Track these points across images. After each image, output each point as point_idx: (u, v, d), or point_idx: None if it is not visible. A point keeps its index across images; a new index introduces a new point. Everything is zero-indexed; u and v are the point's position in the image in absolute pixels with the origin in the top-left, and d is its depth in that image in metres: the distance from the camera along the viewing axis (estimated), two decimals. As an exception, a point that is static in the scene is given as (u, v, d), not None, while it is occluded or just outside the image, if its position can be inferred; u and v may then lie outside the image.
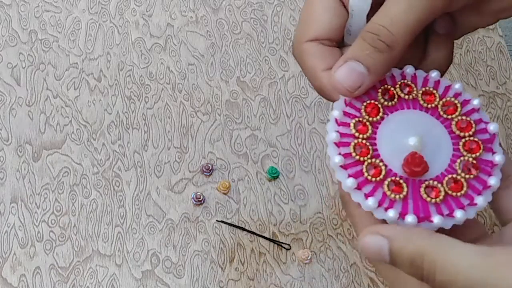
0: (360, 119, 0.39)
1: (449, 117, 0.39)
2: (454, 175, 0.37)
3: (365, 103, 0.39)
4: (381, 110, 0.39)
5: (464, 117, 0.39)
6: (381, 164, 0.37)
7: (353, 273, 0.59)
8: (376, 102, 0.39)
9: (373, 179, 0.37)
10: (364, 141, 0.38)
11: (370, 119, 0.39)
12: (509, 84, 0.69)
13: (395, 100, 0.39)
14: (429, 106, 0.40)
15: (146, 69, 0.66)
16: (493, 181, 0.37)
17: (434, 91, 0.40)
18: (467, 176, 0.37)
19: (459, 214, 0.37)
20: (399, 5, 0.33)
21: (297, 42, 0.39)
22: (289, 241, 0.60)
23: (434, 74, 0.40)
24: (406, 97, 0.40)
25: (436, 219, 0.36)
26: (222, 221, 0.60)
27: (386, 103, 0.39)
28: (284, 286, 0.58)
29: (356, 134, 0.38)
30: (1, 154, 0.61)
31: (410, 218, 0.36)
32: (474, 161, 0.38)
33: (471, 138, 0.39)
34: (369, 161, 0.38)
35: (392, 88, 0.40)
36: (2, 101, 0.63)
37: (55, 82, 0.65)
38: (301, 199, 0.62)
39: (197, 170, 0.62)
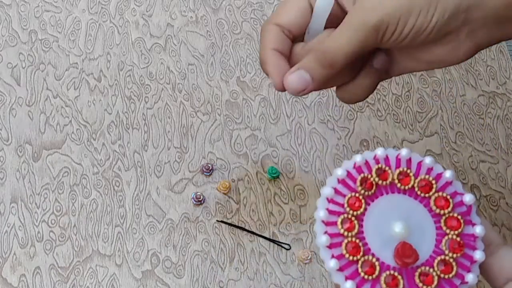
0: (345, 215, 0.41)
1: (427, 195, 0.42)
2: (443, 257, 0.40)
3: (346, 197, 0.41)
4: (363, 201, 0.41)
5: (440, 193, 0.41)
6: (374, 260, 0.39)
7: (353, 273, 0.59)
8: (357, 194, 0.41)
9: (369, 277, 0.39)
10: (353, 239, 0.40)
11: (355, 213, 0.41)
12: (509, 84, 0.69)
13: (374, 188, 0.42)
14: (406, 187, 0.42)
15: (146, 69, 0.66)
16: (479, 255, 0.40)
17: (408, 171, 0.42)
18: (454, 255, 0.40)
19: None
20: (342, 38, 0.42)
21: (267, 21, 0.47)
22: (289, 241, 0.60)
23: (404, 153, 0.42)
24: (384, 183, 0.42)
25: None
26: (222, 221, 0.60)
27: (366, 193, 0.41)
28: (284, 286, 0.58)
29: (345, 234, 0.40)
30: (1, 154, 0.61)
31: None
32: (458, 238, 0.40)
33: (451, 214, 0.41)
34: (363, 259, 0.40)
35: (370, 176, 0.42)
36: (2, 101, 0.63)
37: (55, 82, 0.65)
38: (301, 199, 0.62)
39: (197, 170, 0.62)
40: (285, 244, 0.60)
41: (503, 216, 0.64)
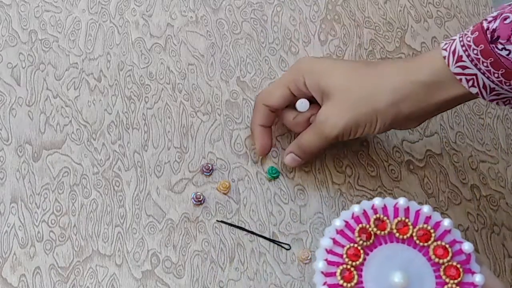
0: (345, 266, 0.41)
1: (425, 244, 0.42)
2: None
3: (345, 248, 0.42)
4: (361, 252, 0.42)
5: (439, 242, 0.42)
6: None
7: (353, 273, 0.59)
8: (356, 245, 0.42)
9: None
10: None
11: (354, 263, 0.41)
12: (509, 84, 0.69)
13: (373, 238, 0.42)
14: (405, 237, 0.42)
15: (146, 69, 0.66)
16: None
17: (407, 220, 0.43)
18: None
19: None
20: (311, 140, 0.59)
21: (259, 99, 0.62)
22: (289, 241, 0.60)
23: (402, 202, 0.43)
24: (382, 233, 0.42)
25: None
26: (222, 221, 0.60)
27: (364, 243, 0.42)
28: (284, 286, 0.58)
29: (345, 284, 0.41)
30: (1, 154, 0.61)
31: None
32: (458, 287, 0.41)
33: (450, 263, 0.41)
34: None
35: (368, 227, 0.42)
36: (2, 101, 0.63)
37: (55, 82, 0.65)
38: (301, 199, 0.62)
39: (197, 170, 0.62)
40: (285, 244, 0.60)
41: (503, 216, 0.64)
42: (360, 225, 0.42)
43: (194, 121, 0.64)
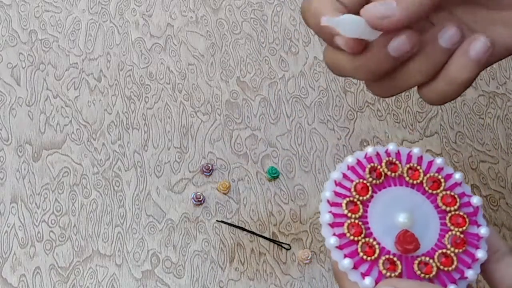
0: (351, 198, 0.41)
1: (434, 192, 0.42)
2: (444, 250, 0.40)
3: (354, 183, 0.41)
4: (370, 188, 0.41)
5: (448, 192, 0.41)
6: (374, 243, 0.40)
7: (353, 273, 0.59)
8: (365, 181, 0.42)
9: (368, 258, 0.39)
10: (356, 221, 0.40)
11: (361, 198, 0.41)
12: (509, 84, 0.69)
13: (383, 178, 0.42)
14: (415, 182, 0.42)
15: (146, 69, 0.66)
16: (481, 254, 0.40)
17: (418, 167, 0.42)
18: (456, 250, 0.40)
19: None
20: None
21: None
22: (289, 241, 0.60)
23: (416, 151, 0.43)
24: (393, 174, 0.42)
25: None
26: (222, 221, 0.60)
27: (374, 181, 0.41)
28: (284, 286, 0.58)
29: (349, 215, 0.40)
30: (1, 154, 0.61)
31: None
32: (462, 235, 0.40)
33: (457, 212, 0.41)
34: (363, 240, 0.40)
35: (379, 167, 0.42)
36: (2, 101, 0.63)
37: (55, 82, 0.65)
38: (301, 199, 0.62)
39: (197, 170, 0.62)
40: (285, 244, 0.60)
41: (503, 216, 0.64)
42: (372, 164, 0.42)
43: (194, 121, 0.64)
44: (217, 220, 0.60)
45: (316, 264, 0.59)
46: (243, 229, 0.60)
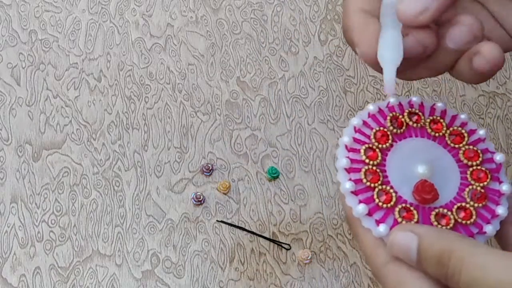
0: (370, 145, 0.39)
1: (457, 146, 0.40)
2: (463, 204, 0.38)
3: (374, 130, 0.40)
4: (390, 137, 0.40)
5: (471, 147, 0.40)
6: (391, 190, 0.38)
7: (353, 273, 0.59)
8: (385, 130, 0.40)
9: (384, 205, 0.38)
10: (374, 168, 0.39)
11: (380, 146, 0.39)
12: (509, 84, 0.69)
13: (404, 128, 0.40)
14: (437, 135, 0.41)
15: (146, 69, 0.66)
16: (501, 210, 0.38)
17: (441, 120, 0.41)
18: (475, 205, 0.38)
19: None
20: None
21: None
22: (289, 241, 0.60)
23: (441, 104, 0.41)
24: (415, 125, 0.40)
25: None
26: (222, 221, 0.60)
27: (395, 130, 0.40)
28: (284, 286, 0.58)
29: (367, 161, 0.39)
30: (1, 154, 0.61)
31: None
32: (482, 190, 0.39)
33: (479, 167, 0.40)
34: (380, 187, 0.38)
35: (401, 116, 0.40)
36: (2, 101, 0.63)
37: (55, 82, 0.65)
38: (301, 199, 0.62)
39: (197, 170, 0.62)
40: (285, 244, 0.60)
41: (503, 216, 0.64)
42: (393, 113, 0.40)
43: (194, 121, 0.64)
44: (217, 220, 0.60)
45: (316, 264, 0.59)
46: (243, 229, 0.60)
